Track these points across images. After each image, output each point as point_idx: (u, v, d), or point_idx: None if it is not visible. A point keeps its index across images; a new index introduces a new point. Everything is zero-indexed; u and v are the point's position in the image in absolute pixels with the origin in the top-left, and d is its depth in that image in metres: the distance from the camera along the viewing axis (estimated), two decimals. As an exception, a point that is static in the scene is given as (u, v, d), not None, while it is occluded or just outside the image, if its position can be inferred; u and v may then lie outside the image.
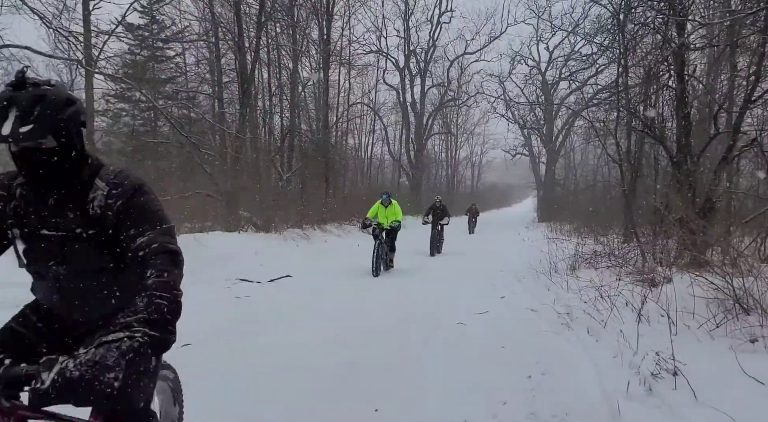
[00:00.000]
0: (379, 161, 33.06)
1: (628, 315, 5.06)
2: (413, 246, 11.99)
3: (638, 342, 4.07)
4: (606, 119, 12.82)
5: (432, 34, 31.49)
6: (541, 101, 30.56)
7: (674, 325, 4.43)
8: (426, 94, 33.00)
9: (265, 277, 7.80)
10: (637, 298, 5.32)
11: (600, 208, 15.28)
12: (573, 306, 5.72)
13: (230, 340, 4.47)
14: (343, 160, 23.32)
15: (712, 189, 7.85)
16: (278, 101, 21.07)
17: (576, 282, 6.89)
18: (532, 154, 34.50)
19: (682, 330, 4.32)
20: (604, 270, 7.85)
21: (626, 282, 6.61)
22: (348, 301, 6.43)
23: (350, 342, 4.48)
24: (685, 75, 8.26)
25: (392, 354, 4.13)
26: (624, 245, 8.98)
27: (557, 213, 23.09)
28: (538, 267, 8.69)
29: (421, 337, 4.62)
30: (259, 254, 9.56)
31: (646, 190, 10.85)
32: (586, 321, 5.12)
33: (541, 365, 3.95)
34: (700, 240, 6.94)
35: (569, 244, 10.78)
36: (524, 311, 5.93)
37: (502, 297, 6.75)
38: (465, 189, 49.26)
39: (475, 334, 4.84)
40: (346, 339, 4.55)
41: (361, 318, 5.50)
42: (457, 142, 41.63)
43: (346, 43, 24.98)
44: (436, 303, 6.36)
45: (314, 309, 5.86)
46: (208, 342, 4.22)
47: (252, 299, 6.13)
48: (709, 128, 9.24)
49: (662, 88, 9.22)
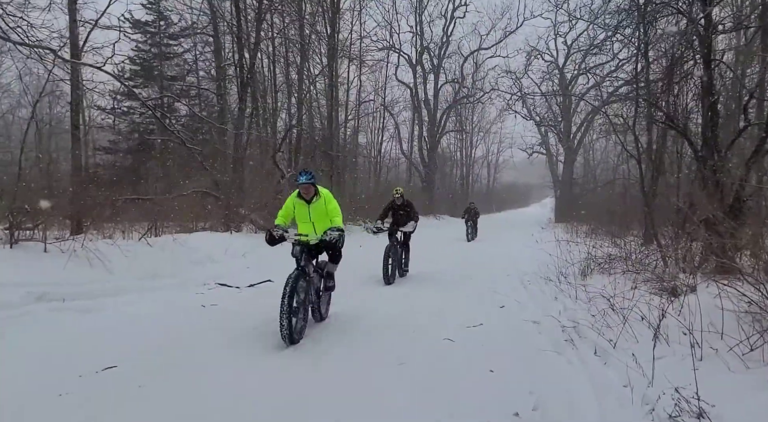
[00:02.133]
0: (390, 160, 32.39)
1: (644, 332, 4.33)
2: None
3: (654, 369, 3.35)
4: (626, 114, 11.95)
5: (446, 29, 30.75)
6: (558, 94, 29.47)
7: (698, 347, 3.69)
8: (439, 90, 32.22)
9: (248, 281, 7.24)
10: (654, 312, 4.58)
11: (618, 208, 14.37)
12: (580, 319, 4.99)
13: (154, 368, 3.62)
14: (351, 157, 22.68)
15: (741, 186, 7.02)
16: (286, 98, 20.58)
17: (586, 290, 6.14)
18: (549, 152, 33.40)
19: (709, 354, 3.58)
20: (619, 276, 7.07)
21: (643, 291, 5.84)
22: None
23: (299, 370, 3.74)
24: (712, 60, 7.43)
25: (353, 383, 3.47)
26: (643, 248, 8.16)
27: (574, 214, 22.13)
28: (546, 272, 7.95)
29: (394, 358, 3.95)
30: (247, 256, 8.99)
31: (668, 188, 9.99)
32: (594, 338, 4.40)
33: (534, 396, 3.26)
34: (729, 243, 6.14)
35: (583, 247, 9.98)
36: (524, 324, 5.22)
37: (501, 307, 6.04)
38: (481, 188, 48.31)
39: (461, 354, 4.16)
40: (293, 366, 3.79)
41: (325, 334, 4.85)
42: (472, 141, 40.76)
43: (356, 38, 24.37)
44: (423, 314, 5.68)
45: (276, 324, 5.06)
46: (135, 367, 3.60)
47: (217, 309, 5.50)
48: (738, 120, 8.38)
49: (686, 77, 8.37)
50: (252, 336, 4.50)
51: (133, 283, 6.10)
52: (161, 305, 5.43)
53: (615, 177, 16.99)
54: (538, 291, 6.94)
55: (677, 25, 8.98)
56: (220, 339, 4.38)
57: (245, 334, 4.57)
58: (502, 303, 6.20)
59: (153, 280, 6.49)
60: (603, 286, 6.29)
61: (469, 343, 4.45)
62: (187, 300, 5.79)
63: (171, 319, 4.91)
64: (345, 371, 3.66)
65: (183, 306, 5.52)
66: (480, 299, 6.58)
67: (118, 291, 5.59)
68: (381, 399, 3.19)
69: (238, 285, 6.84)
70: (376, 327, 5.00)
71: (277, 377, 3.52)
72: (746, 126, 7.69)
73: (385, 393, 3.28)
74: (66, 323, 4.67)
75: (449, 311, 5.84)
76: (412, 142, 32.06)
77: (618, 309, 4.84)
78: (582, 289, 6.29)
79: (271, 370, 3.65)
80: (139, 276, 6.39)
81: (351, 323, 5.21)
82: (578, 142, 30.24)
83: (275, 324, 4.87)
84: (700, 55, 7.69)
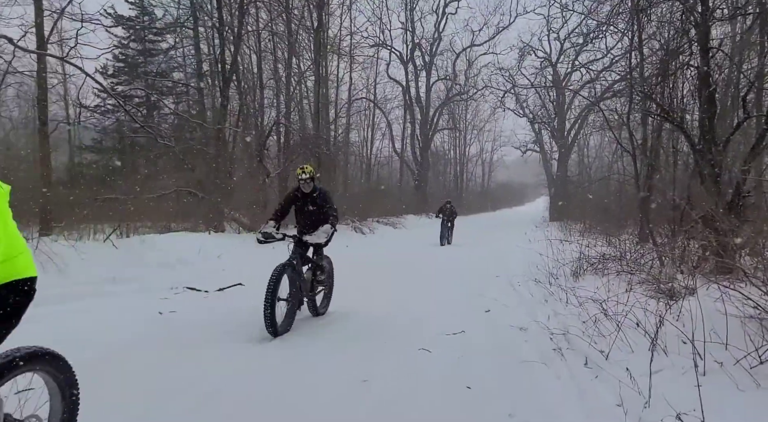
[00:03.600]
0: (382, 158, 31.91)
1: (639, 341, 3.91)
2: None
3: (651, 386, 2.93)
4: (620, 110, 11.55)
5: (437, 25, 30.29)
6: (551, 89, 29.06)
7: (701, 358, 3.28)
8: (432, 88, 31.76)
9: (219, 285, 6.79)
10: (651, 318, 4.17)
11: (613, 205, 13.99)
12: (570, 326, 4.57)
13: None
14: (340, 156, 22.21)
15: (741, 180, 6.62)
16: (274, 95, 20.09)
17: (577, 294, 5.73)
18: (543, 149, 33.00)
19: (713, 368, 3.17)
20: (613, 277, 6.67)
21: (638, 293, 5.44)
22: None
23: (233, 398, 3.35)
24: (710, 48, 7.03)
25: (303, 408, 3.02)
26: (638, 247, 7.76)
27: (568, 212, 21.79)
28: (537, 273, 7.54)
29: (361, 372, 3.51)
30: (223, 257, 8.53)
31: (664, 184, 9.60)
32: (585, 348, 3.98)
33: (515, 420, 2.84)
34: (730, 241, 5.75)
35: (576, 246, 9.58)
36: (510, 330, 4.79)
37: (486, 311, 5.62)
38: (475, 187, 47.94)
39: (436, 366, 3.73)
40: (226, 389, 3.28)
41: (294, 345, 4.42)
42: (465, 139, 40.36)
43: (346, 34, 23.93)
44: (403, 319, 5.24)
45: (234, 335, 4.59)
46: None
47: (175, 317, 5.00)
48: (736, 112, 8.01)
49: (682, 68, 7.98)
50: (200, 350, 4.05)
51: (87, 289, 5.63)
52: (113, 313, 4.97)
53: (609, 174, 16.58)
54: (528, 294, 6.52)
55: (672, 16, 8.61)
56: (168, 353, 3.92)
57: (194, 347, 4.11)
58: (487, 307, 5.77)
59: (112, 285, 6.02)
60: (596, 289, 5.89)
61: (447, 354, 4.01)
62: (144, 307, 5.32)
63: (117, 330, 4.43)
64: (296, 393, 3.21)
65: (137, 314, 5.05)
66: (465, 303, 6.16)
67: (67, 298, 5.10)
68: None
69: (207, 290, 6.38)
70: (345, 335, 4.57)
71: (210, 401, 3.07)
72: (746, 118, 7.30)
73: (340, 418, 2.84)
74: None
75: (430, 316, 5.41)
76: (404, 140, 31.64)
77: (611, 315, 4.42)
78: (573, 292, 5.88)
79: (207, 393, 3.20)
80: (96, 281, 5.93)
81: (317, 331, 4.78)
82: (572, 139, 29.89)
83: (234, 334, 4.46)
84: (697, 44, 7.29)
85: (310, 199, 5.08)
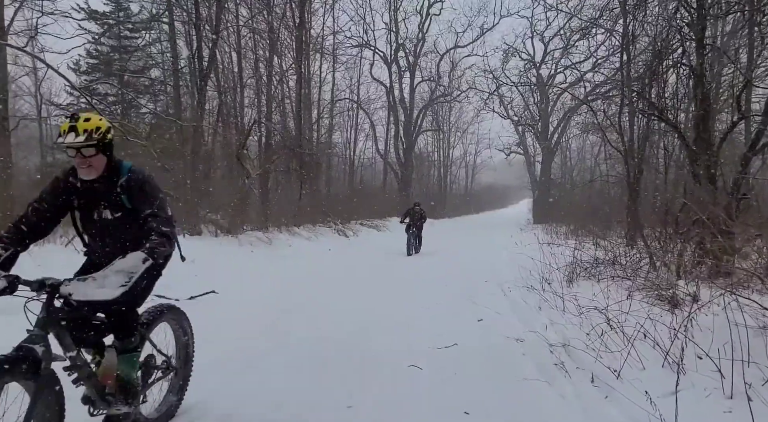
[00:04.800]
0: (366, 159, 31.50)
1: (649, 355, 3.59)
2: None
3: (677, 413, 2.58)
4: (608, 110, 11.33)
5: (421, 26, 29.99)
6: (536, 91, 29.00)
7: (722, 376, 2.96)
8: (415, 89, 31.46)
9: (190, 292, 6.31)
10: (660, 329, 3.84)
11: (599, 207, 13.80)
12: (571, 337, 4.23)
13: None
14: (322, 156, 21.73)
15: (738, 181, 6.39)
16: (255, 94, 19.56)
17: (574, 300, 5.40)
18: (527, 152, 32.95)
19: (740, 389, 2.83)
20: (609, 282, 6.37)
21: (638, 300, 5.13)
22: (261, 328, 4.96)
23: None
24: (705, 45, 6.80)
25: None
26: (632, 250, 7.49)
27: (553, 215, 21.65)
28: (528, 278, 7.21)
29: (345, 397, 3.10)
30: (196, 262, 8.00)
31: (655, 187, 9.38)
32: (590, 362, 3.63)
33: (522, 453, 2.46)
34: (728, 244, 5.49)
35: (565, 249, 9.28)
36: (506, 342, 4.43)
37: (479, 320, 5.26)
38: (459, 190, 47.78)
39: (429, 387, 3.34)
40: None
41: (272, 367, 3.99)
42: (449, 141, 40.15)
43: (328, 34, 23.49)
44: (389, 331, 4.85)
45: (200, 354, 4.22)
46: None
47: None
48: (731, 111, 7.81)
49: (675, 65, 7.75)
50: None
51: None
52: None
53: (599, 176, 16.40)
54: (520, 301, 6.17)
55: (664, 12, 8.39)
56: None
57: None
58: (480, 316, 5.41)
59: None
60: (593, 295, 5.56)
61: (440, 371, 3.63)
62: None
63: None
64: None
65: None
66: (456, 311, 5.79)
67: (4, 310, 4.57)
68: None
69: (177, 298, 5.89)
70: (326, 352, 4.15)
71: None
72: (741, 118, 7.08)
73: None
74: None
75: (419, 326, 5.02)
76: (388, 142, 31.27)
77: (616, 325, 4.08)
78: (569, 299, 5.55)
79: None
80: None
81: (296, 348, 4.35)
82: (555, 141, 29.86)
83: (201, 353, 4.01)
84: (692, 39, 7.06)
85: (106, 195, 2.38)
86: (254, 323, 5.09)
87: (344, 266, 9.44)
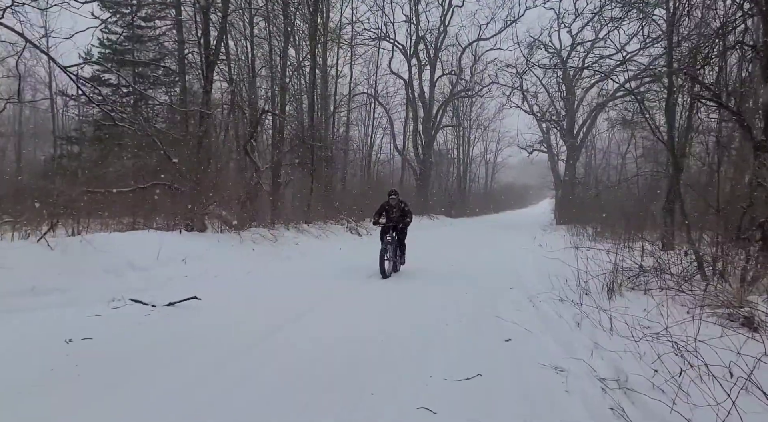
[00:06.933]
0: (383, 155, 30.61)
1: (744, 399, 2.65)
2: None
3: None
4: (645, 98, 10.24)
5: (443, 18, 28.94)
6: (561, 85, 27.70)
7: None
8: (436, 83, 30.39)
9: (176, 295, 5.52)
10: (746, 362, 2.91)
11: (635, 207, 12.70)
12: (629, 371, 3.30)
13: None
14: (337, 151, 20.93)
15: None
16: (268, 85, 18.86)
17: (621, 317, 4.46)
18: (550, 150, 31.64)
19: None
20: (658, 294, 5.41)
21: (703, 319, 4.17)
22: (242, 345, 4.13)
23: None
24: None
25: None
26: (686, 257, 6.47)
27: (578, 215, 20.47)
28: (559, 286, 6.27)
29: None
30: (189, 261, 7.25)
31: (702, 185, 8.32)
32: (663, 412, 2.71)
33: None
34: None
35: (597, 253, 8.26)
36: (542, 372, 3.53)
37: (507, 341, 4.35)
38: (478, 188, 46.58)
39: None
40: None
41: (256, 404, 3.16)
42: (469, 138, 38.97)
43: (345, 23, 22.66)
44: (392, 351, 3.97)
45: (168, 371, 3.43)
46: None
47: (88, 346, 3.70)
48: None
49: (737, 46, 6.71)
50: (113, 398, 2.80)
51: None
52: (6, 337, 3.71)
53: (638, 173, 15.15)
54: (554, 315, 5.25)
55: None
56: (61, 405, 2.67)
57: (105, 394, 2.86)
58: (507, 335, 4.51)
59: (30, 297, 4.76)
60: (645, 311, 4.63)
61: (459, 417, 2.75)
62: (58, 328, 4.04)
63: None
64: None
65: (40, 340, 3.78)
66: (478, 327, 4.88)
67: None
68: None
69: (155, 304, 5.11)
70: (319, 381, 3.31)
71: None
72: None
73: None
74: None
75: (433, 347, 4.14)
76: (406, 138, 30.32)
77: (690, 355, 3.14)
78: (615, 314, 4.61)
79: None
80: (8, 292, 4.66)
81: (280, 370, 3.51)
82: (581, 139, 28.53)
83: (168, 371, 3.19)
84: (756, 15, 6.02)
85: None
86: (234, 338, 4.25)
87: (353, 268, 8.58)
